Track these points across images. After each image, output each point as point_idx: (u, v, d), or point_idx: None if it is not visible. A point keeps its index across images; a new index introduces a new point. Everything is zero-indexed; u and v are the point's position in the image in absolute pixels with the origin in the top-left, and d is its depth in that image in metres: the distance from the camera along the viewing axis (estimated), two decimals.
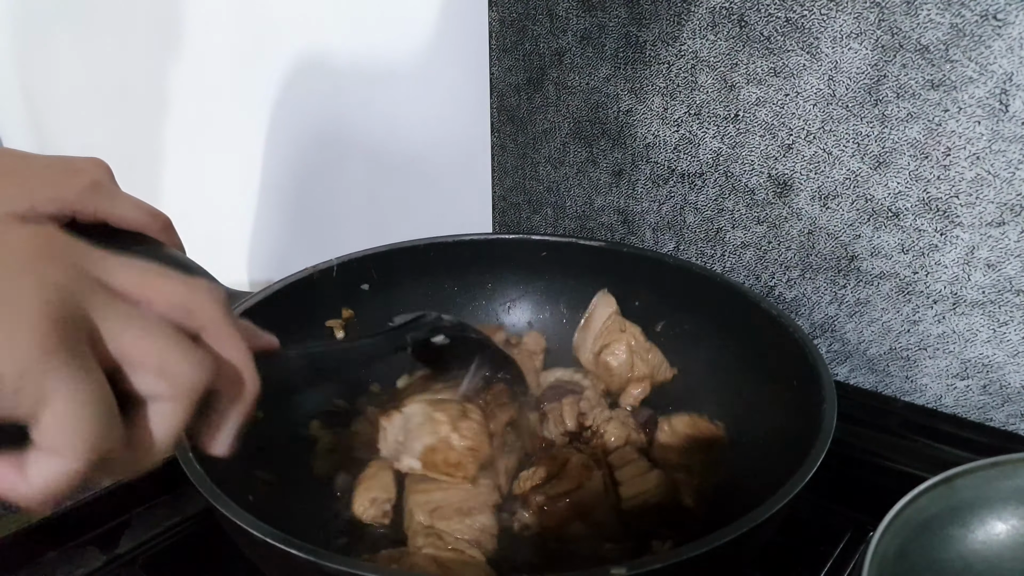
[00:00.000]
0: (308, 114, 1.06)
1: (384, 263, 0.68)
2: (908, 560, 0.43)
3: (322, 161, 1.08)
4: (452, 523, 0.50)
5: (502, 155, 0.83)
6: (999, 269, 0.56)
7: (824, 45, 0.58)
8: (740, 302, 0.60)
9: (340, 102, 1.01)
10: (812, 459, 0.43)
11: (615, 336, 0.65)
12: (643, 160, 0.72)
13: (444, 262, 0.70)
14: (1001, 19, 0.51)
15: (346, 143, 1.03)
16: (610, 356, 0.65)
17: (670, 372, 0.65)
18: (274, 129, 1.11)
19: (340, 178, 1.06)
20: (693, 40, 0.64)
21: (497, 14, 0.76)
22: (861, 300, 0.63)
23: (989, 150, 0.53)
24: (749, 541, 0.39)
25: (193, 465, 0.43)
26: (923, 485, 0.44)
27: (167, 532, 0.56)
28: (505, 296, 0.72)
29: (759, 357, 0.59)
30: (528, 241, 0.71)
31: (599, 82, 0.72)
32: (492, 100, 0.81)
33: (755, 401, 0.58)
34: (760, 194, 0.66)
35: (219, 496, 0.41)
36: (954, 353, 0.60)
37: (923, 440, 0.60)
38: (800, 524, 0.49)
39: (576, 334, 0.69)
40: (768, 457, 0.52)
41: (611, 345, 0.65)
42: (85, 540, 0.55)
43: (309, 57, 1.02)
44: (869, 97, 0.57)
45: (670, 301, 0.66)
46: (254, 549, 0.42)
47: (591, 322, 0.67)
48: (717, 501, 0.55)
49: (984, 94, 0.52)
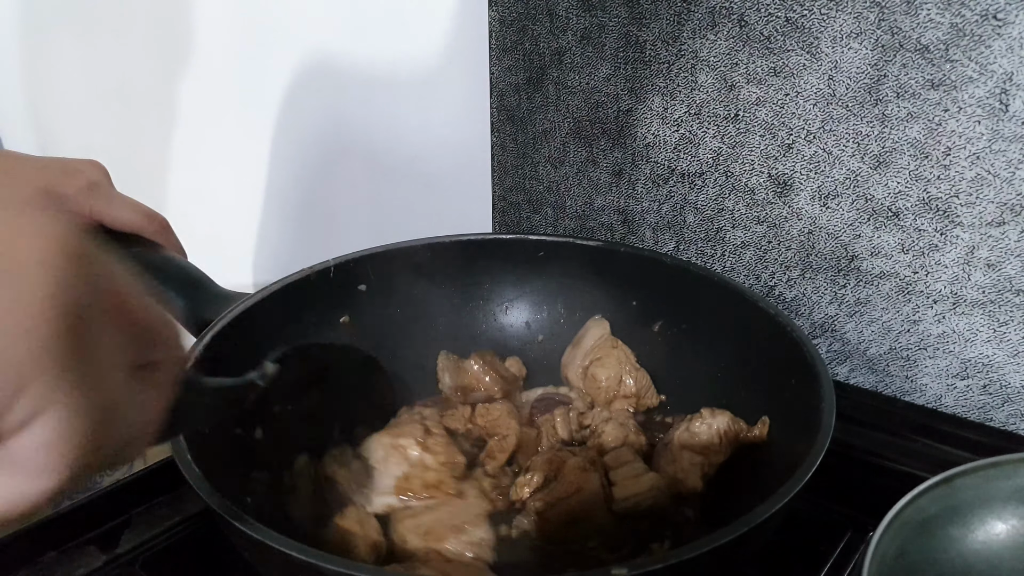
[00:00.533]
0: (309, 114, 1.06)
1: (380, 264, 0.67)
2: (908, 560, 0.43)
3: (323, 161, 1.08)
4: (448, 542, 0.50)
5: (502, 155, 0.83)
6: (999, 269, 0.56)
7: (824, 45, 0.58)
8: (738, 301, 0.60)
9: (341, 102, 1.02)
10: (811, 459, 0.43)
11: (606, 351, 0.65)
12: (643, 160, 0.72)
13: (441, 263, 0.70)
14: (1001, 19, 0.51)
15: (346, 143, 1.03)
16: (599, 368, 0.64)
17: (656, 399, 0.65)
18: (275, 129, 1.11)
19: (341, 178, 1.06)
20: (693, 40, 0.64)
21: (497, 14, 0.76)
22: (861, 300, 0.63)
23: (989, 150, 0.53)
24: (749, 541, 0.39)
25: (191, 467, 0.43)
26: (923, 485, 0.44)
27: (167, 532, 0.56)
28: (502, 296, 0.72)
29: (756, 356, 0.59)
30: (525, 241, 0.71)
31: (599, 82, 0.72)
32: (492, 100, 0.81)
33: (753, 400, 0.58)
34: (760, 194, 0.65)
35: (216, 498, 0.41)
36: (954, 353, 0.60)
37: (923, 440, 0.60)
38: (800, 524, 0.49)
39: (565, 352, 0.68)
40: (767, 456, 0.52)
41: (602, 359, 0.64)
42: (85, 540, 0.55)
43: (310, 58, 1.02)
44: (869, 97, 0.57)
45: (667, 300, 0.66)
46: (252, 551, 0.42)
47: (582, 341, 0.67)
48: (716, 501, 0.55)
49: (984, 94, 0.52)
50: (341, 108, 1.02)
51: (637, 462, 0.56)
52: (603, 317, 0.67)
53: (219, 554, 0.50)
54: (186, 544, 0.56)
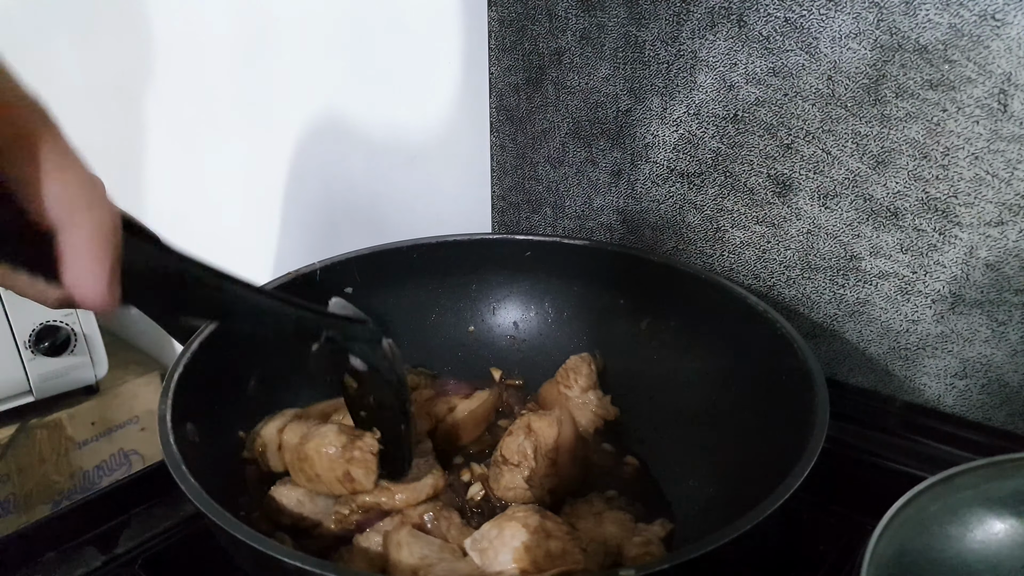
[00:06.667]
0: (307, 114, 1.06)
1: (367, 265, 0.67)
2: (907, 560, 0.43)
3: (321, 161, 1.08)
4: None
5: (501, 155, 0.83)
6: (998, 269, 0.56)
7: (823, 45, 0.58)
8: (726, 299, 0.60)
9: (339, 101, 1.02)
10: (808, 456, 0.43)
11: (578, 363, 0.66)
12: (642, 160, 0.72)
13: (428, 263, 0.69)
14: (1000, 19, 0.51)
15: (345, 143, 1.03)
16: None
17: (612, 410, 0.66)
18: (272, 130, 1.11)
19: (339, 178, 1.06)
20: (692, 40, 0.64)
21: (496, 14, 0.76)
22: (861, 299, 0.63)
23: (988, 150, 0.53)
24: (749, 541, 0.39)
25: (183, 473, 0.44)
26: (922, 485, 0.44)
27: (166, 532, 0.56)
28: (490, 296, 0.72)
29: (746, 354, 0.59)
30: (512, 241, 0.70)
31: (598, 82, 0.72)
32: (491, 100, 0.81)
33: (745, 398, 0.58)
34: (759, 194, 0.66)
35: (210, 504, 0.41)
36: (954, 353, 0.60)
37: (923, 440, 0.60)
38: (800, 524, 0.49)
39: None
40: (763, 455, 0.52)
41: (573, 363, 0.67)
42: (84, 540, 0.55)
43: (308, 57, 1.02)
44: (868, 97, 0.57)
45: (655, 299, 0.66)
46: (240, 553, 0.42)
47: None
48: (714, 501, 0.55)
49: (983, 94, 0.52)
50: (341, 107, 1.02)
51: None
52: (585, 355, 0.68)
53: (218, 555, 0.50)
54: (185, 544, 0.56)
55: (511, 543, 0.47)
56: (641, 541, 0.50)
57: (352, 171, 1.04)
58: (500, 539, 0.47)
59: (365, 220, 1.05)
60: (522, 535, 0.47)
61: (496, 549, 0.47)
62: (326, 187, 1.09)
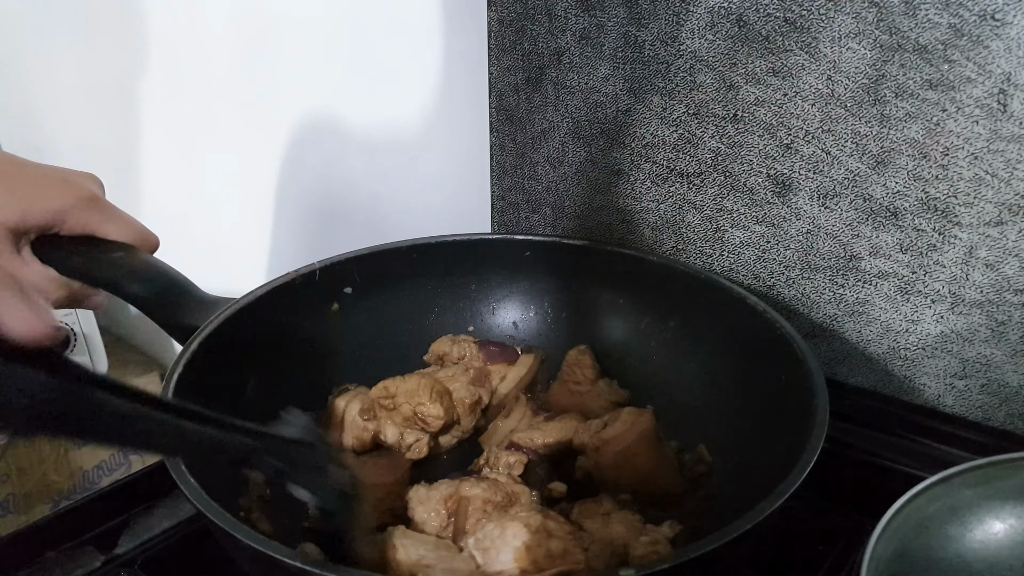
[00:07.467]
0: (306, 114, 1.06)
1: (367, 265, 0.67)
2: (906, 560, 0.43)
3: (321, 161, 1.08)
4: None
5: (501, 155, 0.83)
6: (998, 269, 0.56)
7: (823, 45, 0.58)
8: (726, 299, 0.60)
9: (338, 102, 1.01)
10: (808, 455, 0.43)
11: (578, 356, 0.68)
12: (642, 160, 0.72)
13: (427, 264, 0.69)
14: (999, 19, 0.51)
15: (344, 143, 1.03)
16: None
17: (623, 393, 0.67)
18: (272, 129, 1.11)
19: (339, 178, 1.06)
20: (692, 40, 0.64)
21: (496, 13, 0.76)
22: (861, 300, 0.63)
23: (988, 150, 0.53)
24: (749, 541, 0.39)
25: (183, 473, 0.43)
26: (922, 485, 0.44)
27: (165, 533, 0.56)
28: (490, 296, 0.72)
29: (745, 353, 0.59)
30: (511, 241, 0.70)
31: (598, 82, 0.72)
32: (491, 100, 0.81)
33: (744, 398, 0.58)
34: (759, 194, 0.66)
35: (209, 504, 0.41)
36: (953, 353, 0.60)
37: (922, 440, 0.60)
38: (799, 524, 0.49)
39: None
40: (762, 455, 0.52)
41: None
42: (84, 541, 0.55)
43: (307, 57, 1.02)
44: (868, 97, 0.57)
45: (654, 299, 0.66)
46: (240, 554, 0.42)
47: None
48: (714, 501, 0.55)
49: (983, 94, 0.52)
50: (340, 107, 1.02)
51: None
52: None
53: (217, 555, 0.50)
54: (184, 545, 0.56)
55: (512, 543, 0.47)
56: (648, 541, 0.50)
57: (351, 171, 1.04)
58: (502, 538, 0.47)
59: (364, 220, 1.05)
60: (523, 535, 0.47)
61: (498, 548, 0.47)
62: (326, 187, 1.09)
